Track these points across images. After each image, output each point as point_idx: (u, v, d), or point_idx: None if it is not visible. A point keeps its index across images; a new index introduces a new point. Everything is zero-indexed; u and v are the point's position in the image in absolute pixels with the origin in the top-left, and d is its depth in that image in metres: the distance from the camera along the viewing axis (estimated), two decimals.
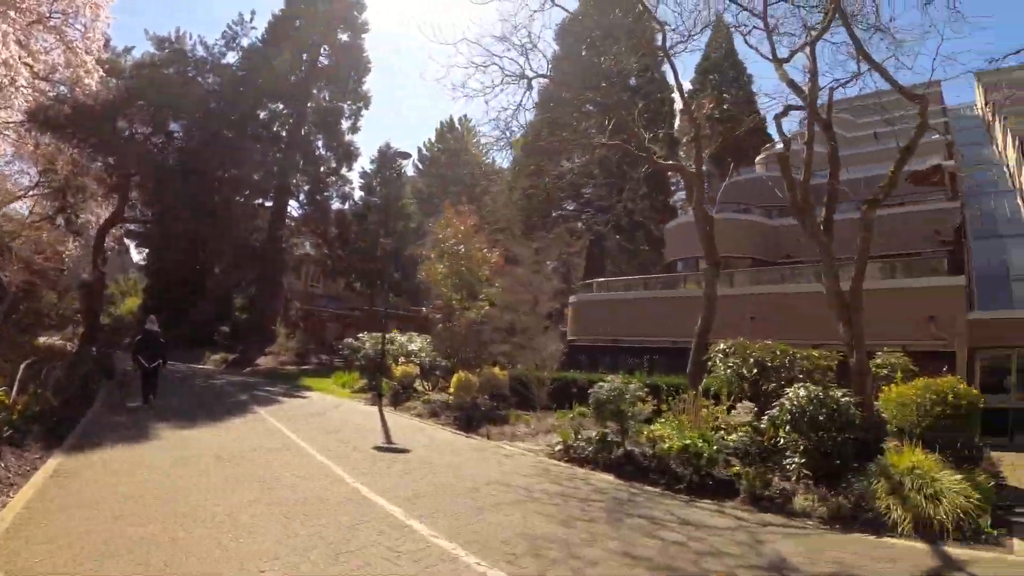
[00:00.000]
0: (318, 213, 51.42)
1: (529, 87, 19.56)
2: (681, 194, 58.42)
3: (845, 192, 17.36)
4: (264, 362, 41.10)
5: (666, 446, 12.24)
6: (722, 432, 13.02)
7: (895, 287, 23.71)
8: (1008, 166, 41.10)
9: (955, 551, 8.90)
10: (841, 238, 29.25)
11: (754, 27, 18.08)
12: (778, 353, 15.43)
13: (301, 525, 8.38)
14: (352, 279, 52.57)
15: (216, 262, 53.79)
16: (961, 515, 9.41)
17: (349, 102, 52.03)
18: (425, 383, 25.63)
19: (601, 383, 14.52)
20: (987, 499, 9.97)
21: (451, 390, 21.09)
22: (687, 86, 40.56)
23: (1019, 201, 35.45)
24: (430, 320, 30.75)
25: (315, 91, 51.39)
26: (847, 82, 16.89)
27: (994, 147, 46.38)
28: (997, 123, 44.85)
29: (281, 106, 50.45)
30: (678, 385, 17.78)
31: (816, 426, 11.69)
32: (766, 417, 12.64)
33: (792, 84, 16.47)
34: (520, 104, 21.53)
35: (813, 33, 16.33)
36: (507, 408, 20.06)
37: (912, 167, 32.36)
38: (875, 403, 13.54)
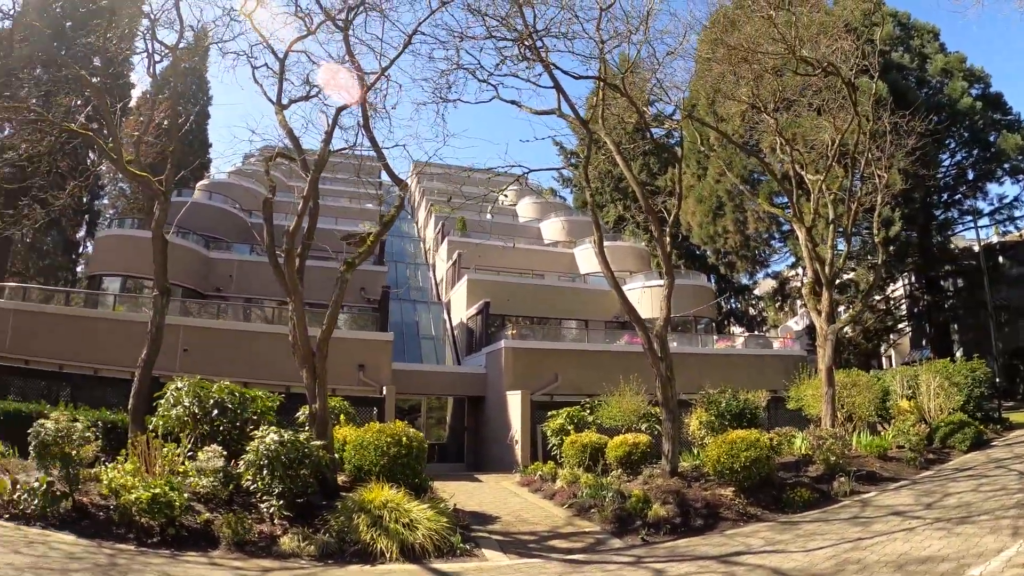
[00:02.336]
0: None
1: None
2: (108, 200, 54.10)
3: (324, 248, 18.33)
4: None
5: (133, 497, 11.23)
6: (192, 478, 12.56)
7: (333, 336, 25.73)
8: (425, 242, 48.15)
9: (443, 566, 10.71)
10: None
11: (266, 64, 18.55)
12: (236, 395, 15.39)
13: None
14: None
15: None
16: (437, 537, 11.30)
17: None
18: None
19: (42, 420, 12.11)
20: (452, 521, 12.15)
21: None
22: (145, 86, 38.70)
23: (430, 273, 41.78)
24: None
25: None
26: (342, 150, 18.15)
27: (415, 224, 53.84)
28: (423, 206, 52.24)
29: None
30: (116, 422, 16.83)
31: (290, 469, 12.28)
32: (242, 462, 12.71)
33: (291, 133, 16.97)
34: None
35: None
36: None
37: (348, 228, 36.08)
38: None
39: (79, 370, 25.78)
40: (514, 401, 25.67)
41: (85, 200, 44.03)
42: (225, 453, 13.23)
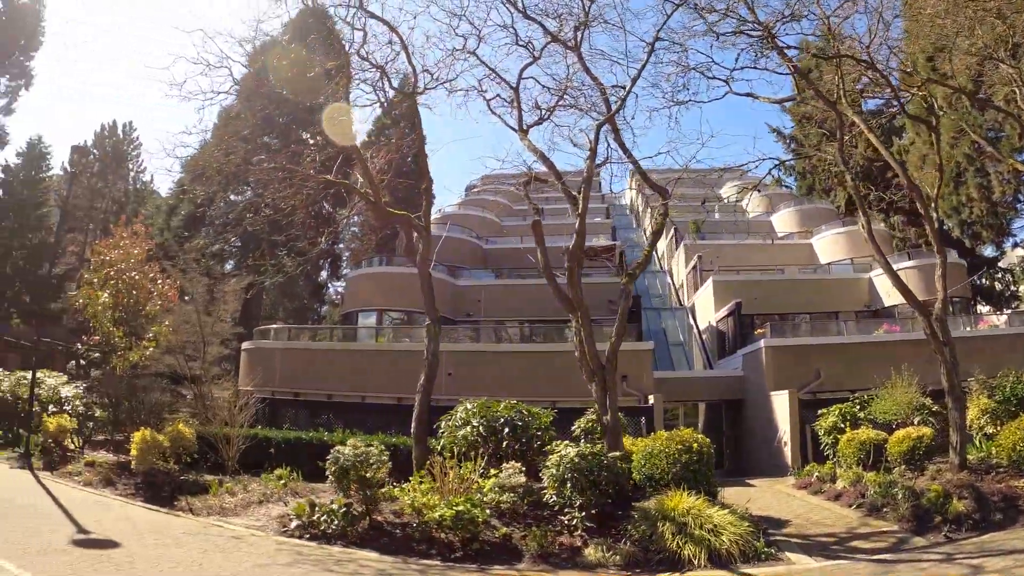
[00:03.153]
0: None
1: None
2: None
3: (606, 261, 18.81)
4: None
5: (437, 515, 11.93)
6: (491, 495, 13.09)
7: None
8: (657, 250, 48.38)
9: (753, 572, 10.67)
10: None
11: (498, 95, 19.37)
12: (523, 412, 15.98)
13: None
14: None
15: None
16: (741, 542, 11.23)
17: (7, 77, 43.95)
18: (76, 439, 21.30)
19: (339, 446, 13.34)
20: (753, 526, 12.02)
21: (133, 452, 17.34)
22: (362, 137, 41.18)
23: (668, 280, 41.99)
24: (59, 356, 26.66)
25: None
26: (601, 165, 18.58)
27: (643, 232, 54.24)
28: (648, 214, 52.68)
29: None
30: (397, 445, 17.83)
31: (594, 482, 12.67)
32: (546, 476, 13.24)
33: (542, 156, 17.75)
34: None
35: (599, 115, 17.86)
36: (199, 473, 17.71)
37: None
38: None
39: (346, 398, 27.97)
40: (780, 402, 24.94)
41: (325, 245, 47.72)
42: (524, 469, 13.82)
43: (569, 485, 12.74)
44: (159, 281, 23.76)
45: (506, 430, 15.55)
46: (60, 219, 47.67)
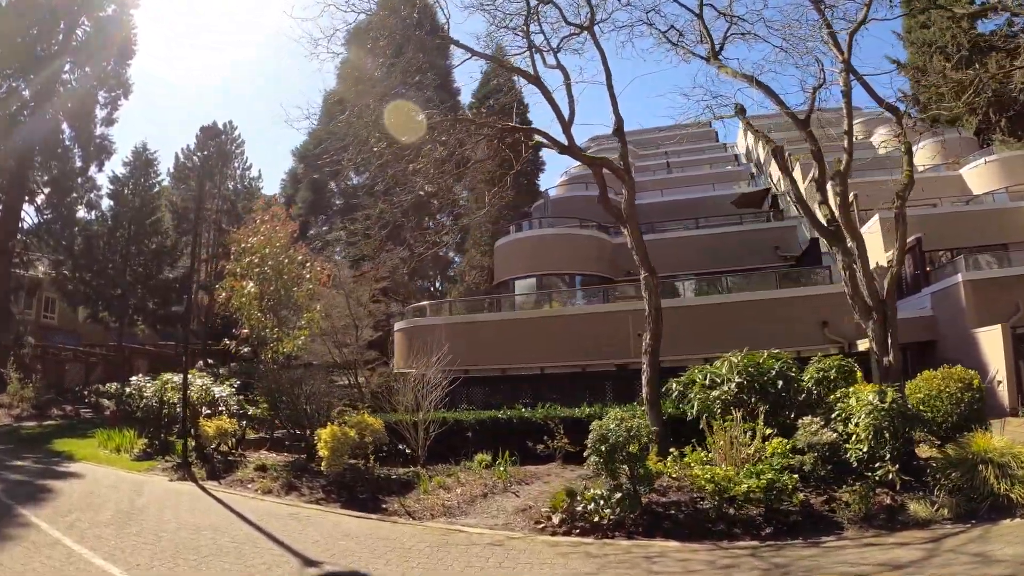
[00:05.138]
0: (60, 223, 42.69)
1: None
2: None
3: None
4: None
5: (743, 488, 10.64)
6: (788, 458, 11.73)
7: (784, 296, 24.91)
8: (790, 195, 46.68)
9: None
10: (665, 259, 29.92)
11: (672, 26, 19.04)
12: (789, 363, 14.65)
13: None
14: (100, 308, 44.16)
15: None
16: None
17: (105, 89, 43.87)
18: (231, 441, 19.96)
19: (598, 420, 11.74)
20: None
21: (322, 451, 15.31)
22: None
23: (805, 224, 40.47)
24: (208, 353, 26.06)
25: (66, 71, 42.15)
26: (859, 77, 17.21)
27: (770, 179, 52.36)
28: (773, 160, 50.99)
29: (23, 84, 39.88)
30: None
31: (904, 430, 11.51)
32: (858, 428, 11.80)
33: (753, 80, 16.93)
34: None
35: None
36: (391, 467, 16.25)
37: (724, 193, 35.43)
38: None
39: (523, 370, 26.88)
40: (989, 339, 23.17)
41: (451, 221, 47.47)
42: (826, 424, 12.57)
43: (887, 435, 11.42)
44: (308, 263, 22.84)
45: (780, 383, 14.12)
46: (195, 219, 47.45)
